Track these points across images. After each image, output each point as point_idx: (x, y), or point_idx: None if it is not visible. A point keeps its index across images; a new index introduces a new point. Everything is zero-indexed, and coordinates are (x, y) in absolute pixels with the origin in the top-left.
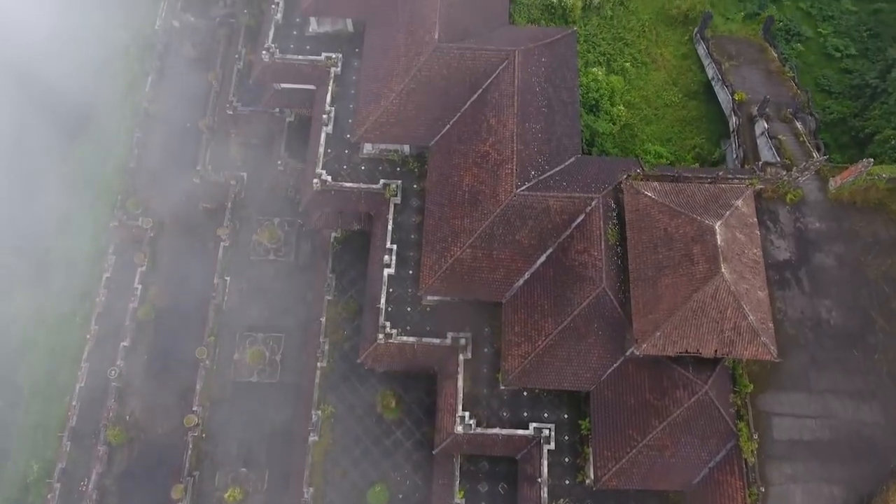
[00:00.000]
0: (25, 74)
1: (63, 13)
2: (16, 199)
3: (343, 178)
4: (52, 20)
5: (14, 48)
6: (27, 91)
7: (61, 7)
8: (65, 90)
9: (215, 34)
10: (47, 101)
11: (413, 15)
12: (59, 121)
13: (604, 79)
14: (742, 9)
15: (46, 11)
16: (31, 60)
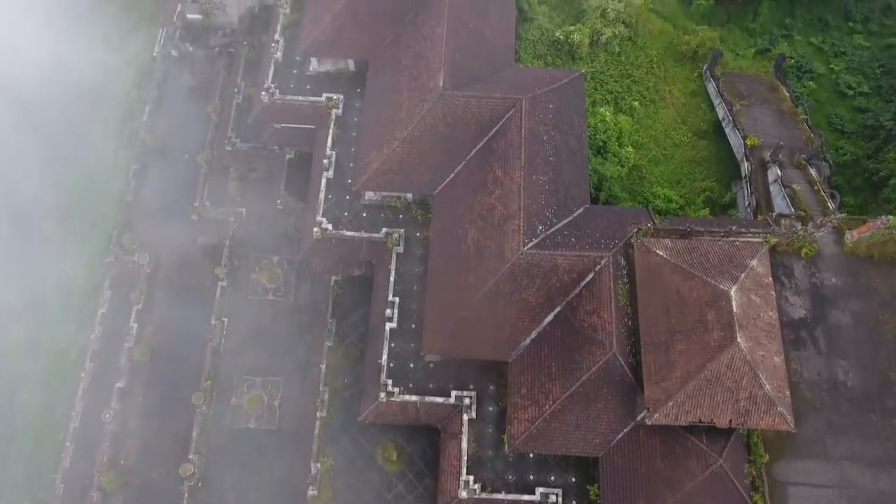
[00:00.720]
0: (21, 100)
1: (60, 38)
2: (9, 227)
3: (344, 226)
4: (49, 45)
5: (9, 73)
6: (23, 117)
7: (58, 32)
8: (61, 116)
9: (214, 64)
10: (43, 127)
11: (417, 58)
12: (55, 148)
13: (611, 119)
14: (752, 45)
15: (43, 36)
16: (27, 86)
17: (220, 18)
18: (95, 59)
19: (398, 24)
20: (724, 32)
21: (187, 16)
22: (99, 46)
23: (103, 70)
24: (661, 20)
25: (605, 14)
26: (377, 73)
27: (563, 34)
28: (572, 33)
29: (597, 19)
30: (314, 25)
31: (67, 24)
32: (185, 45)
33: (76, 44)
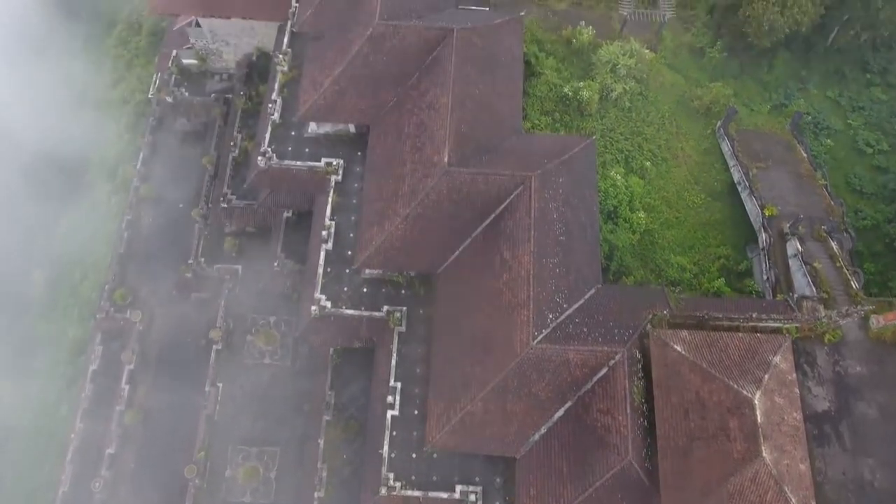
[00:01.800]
0: (10, 137)
1: (50, 72)
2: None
3: (343, 303)
4: (40, 79)
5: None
6: (15, 158)
7: (49, 66)
8: (52, 155)
9: (210, 111)
10: (34, 165)
11: (420, 127)
12: (47, 191)
13: (622, 182)
14: (768, 99)
15: (36, 72)
16: (20, 124)
17: (216, 64)
18: (89, 96)
19: (400, 87)
20: (737, 85)
21: (183, 61)
22: (93, 83)
23: (99, 106)
24: (673, 72)
25: (615, 70)
26: (379, 141)
27: (572, 90)
28: (581, 90)
29: (606, 74)
30: (312, 89)
31: (59, 59)
32: (181, 90)
33: (68, 79)
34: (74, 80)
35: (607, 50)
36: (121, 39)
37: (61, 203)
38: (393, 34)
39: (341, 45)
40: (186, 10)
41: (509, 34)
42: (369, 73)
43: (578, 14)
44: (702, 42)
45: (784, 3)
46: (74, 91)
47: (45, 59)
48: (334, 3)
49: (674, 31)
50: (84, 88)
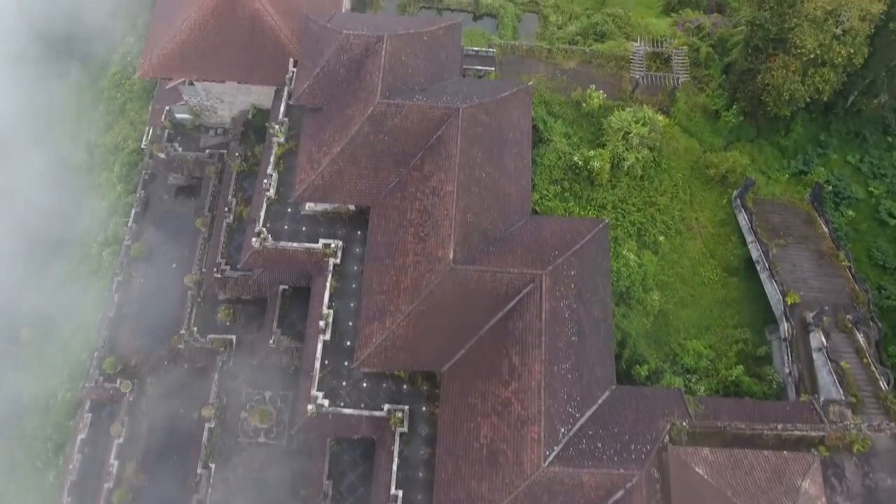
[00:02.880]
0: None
1: (43, 114)
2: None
3: (342, 400)
4: (31, 123)
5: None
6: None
7: (40, 107)
8: (44, 203)
9: (204, 167)
10: (24, 214)
11: (424, 214)
12: (37, 237)
13: (635, 260)
14: (786, 167)
15: (26, 111)
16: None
17: (211, 119)
18: (81, 138)
19: (403, 167)
20: (753, 150)
21: (176, 115)
22: (86, 127)
23: (89, 153)
24: (686, 136)
25: (627, 138)
26: (380, 226)
27: (582, 159)
28: (592, 159)
29: (618, 143)
30: (310, 167)
31: (50, 98)
32: (174, 145)
33: (60, 121)
34: (66, 122)
35: (619, 116)
36: (114, 82)
37: (51, 254)
38: (395, 113)
39: (340, 121)
40: (179, 74)
41: (517, 107)
42: (369, 153)
43: (588, 73)
44: (716, 104)
45: (805, 71)
46: (66, 134)
47: (36, 96)
48: (332, 76)
49: (687, 91)
50: (76, 131)
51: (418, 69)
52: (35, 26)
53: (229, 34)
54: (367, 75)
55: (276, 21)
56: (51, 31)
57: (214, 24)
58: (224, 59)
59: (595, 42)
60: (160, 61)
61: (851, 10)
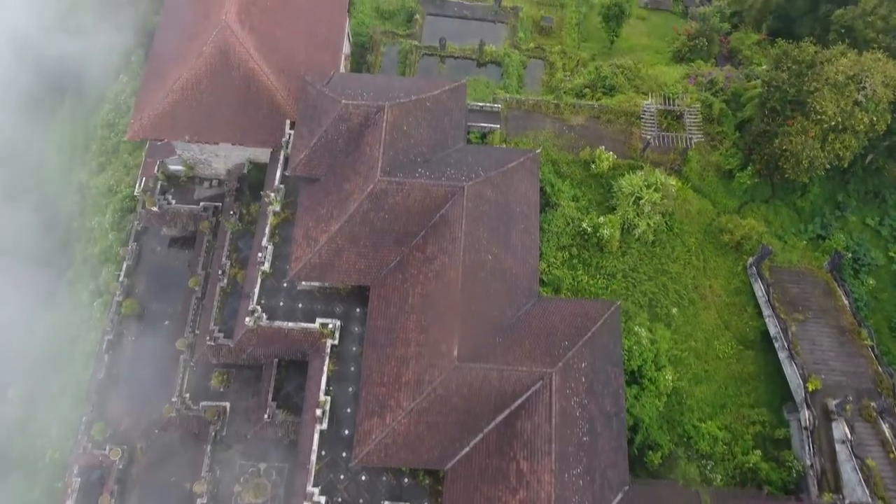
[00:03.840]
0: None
1: (37, 152)
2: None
3: (339, 496)
4: (25, 161)
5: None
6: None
7: (34, 144)
8: (34, 246)
9: (199, 221)
10: (14, 262)
11: (426, 301)
12: (27, 288)
13: (647, 337)
14: (803, 231)
15: (19, 148)
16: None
17: (205, 171)
18: (73, 179)
19: (404, 246)
20: (768, 212)
21: (170, 167)
22: (78, 166)
23: (81, 194)
24: (699, 197)
25: (638, 203)
26: (380, 309)
27: (591, 226)
28: (601, 227)
29: (629, 208)
30: (306, 245)
31: (44, 135)
32: (167, 197)
33: (53, 159)
34: (59, 158)
35: (630, 180)
36: (107, 121)
37: (41, 302)
38: (396, 191)
39: (338, 195)
40: (170, 136)
41: (525, 178)
42: (369, 231)
43: (596, 129)
44: (730, 164)
45: (824, 137)
46: (58, 170)
47: (30, 132)
48: (331, 146)
49: (700, 149)
50: (68, 168)
51: (421, 138)
52: (26, 59)
53: (223, 94)
54: (367, 148)
55: (272, 81)
56: (43, 65)
57: (208, 83)
58: (218, 121)
59: (604, 95)
60: (150, 122)
61: (874, 76)
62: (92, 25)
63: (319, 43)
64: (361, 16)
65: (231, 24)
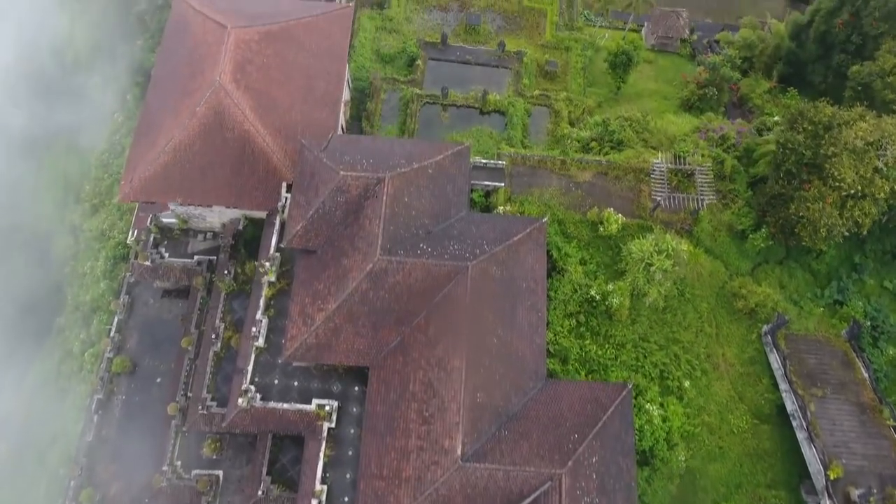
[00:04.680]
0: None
1: (26, 190)
2: None
3: None
4: (19, 205)
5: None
6: None
7: (25, 180)
8: (25, 296)
9: (192, 276)
10: (4, 308)
11: (428, 389)
12: (15, 335)
13: (658, 414)
14: (819, 296)
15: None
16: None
17: (199, 224)
18: (66, 221)
19: (405, 325)
20: (783, 274)
21: (163, 220)
22: (71, 207)
23: (74, 237)
24: (711, 258)
25: (649, 270)
26: (379, 393)
27: (600, 293)
28: (610, 295)
29: (639, 274)
30: (302, 323)
31: (36, 172)
32: (160, 250)
33: (46, 197)
34: (52, 196)
35: (640, 245)
36: (101, 161)
37: (31, 351)
38: (396, 269)
39: (336, 271)
40: (162, 199)
41: (531, 250)
42: (368, 310)
43: (604, 186)
44: (743, 224)
45: (843, 203)
46: (52, 208)
47: (23, 170)
48: (328, 217)
49: (711, 208)
50: (63, 204)
51: (422, 209)
52: (20, 95)
53: (217, 156)
54: (366, 221)
55: (268, 142)
56: (37, 101)
57: (201, 145)
58: (211, 183)
59: (611, 150)
60: (142, 184)
61: (895, 142)
62: (87, 62)
63: (318, 99)
64: (361, 59)
65: (226, 85)
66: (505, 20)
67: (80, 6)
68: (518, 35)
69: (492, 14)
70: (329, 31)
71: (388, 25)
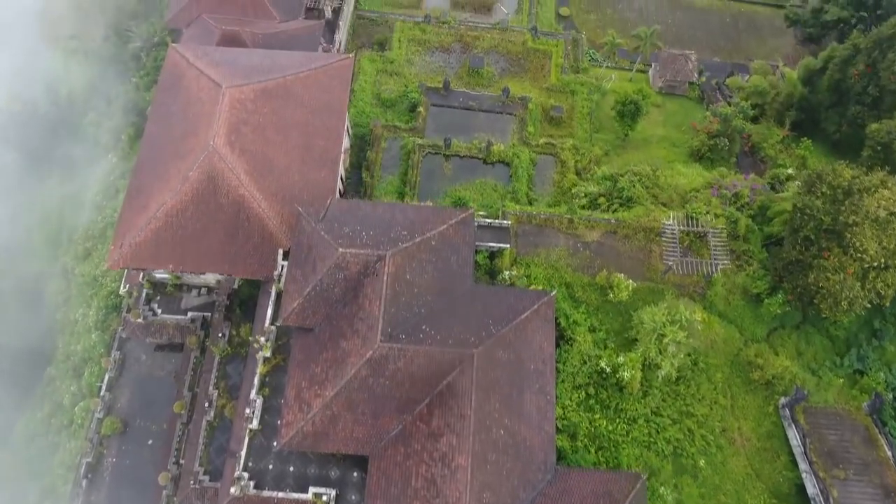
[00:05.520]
0: None
1: (19, 225)
2: None
3: None
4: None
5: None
6: None
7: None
8: (13, 343)
9: (186, 334)
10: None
11: (431, 487)
12: (4, 385)
13: (673, 500)
14: (838, 364)
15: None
16: None
17: (194, 279)
18: (58, 265)
19: (406, 413)
20: (800, 340)
21: (156, 275)
22: (65, 247)
23: (66, 282)
24: (725, 324)
25: (661, 340)
26: (379, 485)
27: (610, 366)
28: (621, 367)
29: (651, 345)
30: (298, 409)
31: (29, 207)
32: (153, 305)
33: (40, 235)
34: (46, 233)
35: (651, 315)
36: (95, 203)
37: (20, 400)
38: (398, 356)
39: (334, 353)
40: (152, 266)
41: (539, 328)
42: (368, 397)
43: (613, 246)
44: (758, 287)
45: (865, 274)
46: (44, 247)
47: (14, 209)
48: (326, 295)
49: (725, 270)
50: (55, 242)
51: (425, 285)
52: (12, 130)
53: (211, 222)
54: (366, 302)
55: (264, 208)
56: (30, 136)
57: (194, 211)
58: (204, 250)
59: (620, 206)
60: (132, 251)
61: None
62: (81, 99)
63: (316, 158)
64: (362, 104)
65: (220, 149)
66: (509, 62)
67: (74, 43)
68: (522, 78)
69: (495, 55)
70: (328, 84)
71: (389, 68)
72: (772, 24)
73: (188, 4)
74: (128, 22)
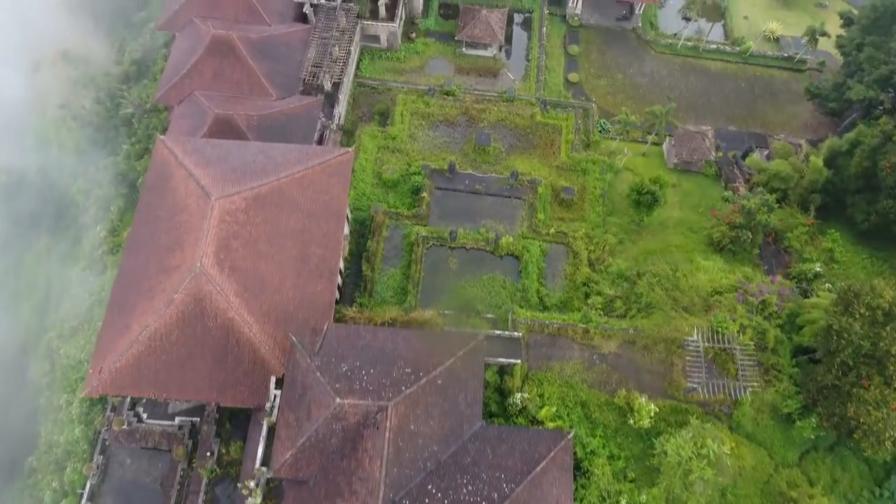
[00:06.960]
0: None
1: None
2: None
3: None
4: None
5: None
6: None
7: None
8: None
9: (172, 442)
10: None
11: None
12: None
13: None
14: (878, 496)
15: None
16: None
17: None
18: (42, 343)
19: None
20: (834, 464)
21: None
22: (51, 321)
23: (50, 364)
24: (753, 447)
25: (686, 474)
26: None
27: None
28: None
29: (675, 479)
30: None
31: (17, 269)
32: (138, 410)
33: (27, 302)
34: (31, 301)
35: (676, 446)
36: (81, 279)
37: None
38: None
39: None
40: (134, 392)
41: (556, 480)
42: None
43: (632, 359)
44: (789, 406)
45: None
46: (31, 317)
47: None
48: (322, 445)
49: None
50: (42, 310)
51: (431, 434)
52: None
53: (198, 347)
54: (366, 459)
55: (255, 332)
56: (18, 201)
57: (179, 335)
58: (190, 376)
59: (638, 312)
60: (111, 376)
61: None
62: (71, 166)
63: (312, 269)
64: (362, 185)
65: (207, 270)
66: (517, 137)
67: (63, 112)
68: (531, 155)
69: (502, 130)
70: (326, 184)
71: (390, 144)
72: (789, 89)
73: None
74: (119, 86)
